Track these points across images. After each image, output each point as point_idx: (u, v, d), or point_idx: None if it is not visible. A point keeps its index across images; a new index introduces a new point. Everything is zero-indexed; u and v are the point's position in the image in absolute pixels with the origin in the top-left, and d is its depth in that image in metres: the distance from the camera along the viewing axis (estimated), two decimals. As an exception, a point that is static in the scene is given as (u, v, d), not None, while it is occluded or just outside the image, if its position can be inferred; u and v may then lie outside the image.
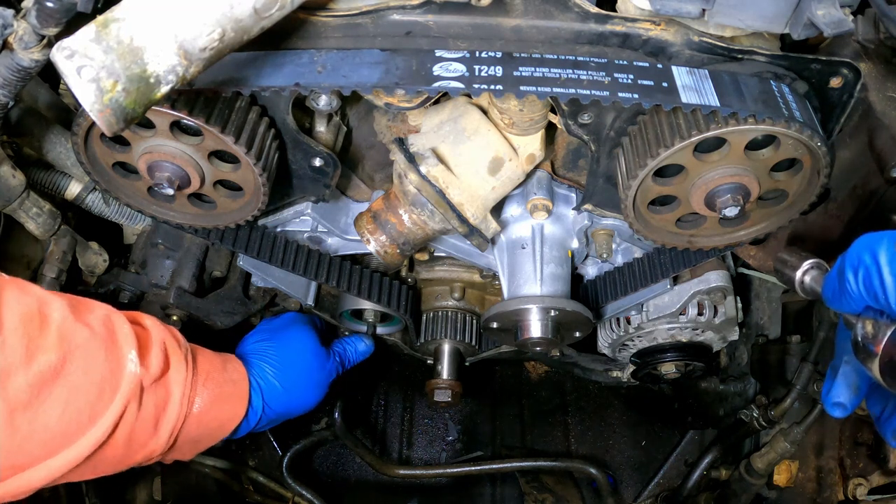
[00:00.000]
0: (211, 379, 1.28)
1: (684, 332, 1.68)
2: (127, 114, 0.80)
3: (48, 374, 1.02)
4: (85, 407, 1.07)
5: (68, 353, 1.05)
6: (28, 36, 0.96)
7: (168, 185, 1.12)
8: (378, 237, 1.30)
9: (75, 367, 1.06)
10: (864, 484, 1.74)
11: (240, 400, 1.34)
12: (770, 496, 1.92)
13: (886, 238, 0.86)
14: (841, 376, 1.05)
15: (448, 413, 2.54)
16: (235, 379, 1.34)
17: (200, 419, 1.25)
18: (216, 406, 1.28)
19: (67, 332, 1.06)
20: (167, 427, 1.19)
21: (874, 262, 0.85)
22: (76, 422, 1.06)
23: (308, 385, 1.50)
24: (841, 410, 1.05)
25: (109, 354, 1.10)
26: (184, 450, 1.29)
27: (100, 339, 1.10)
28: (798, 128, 1.00)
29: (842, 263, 0.91)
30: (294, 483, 2.10)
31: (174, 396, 1.19)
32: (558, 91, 1.00)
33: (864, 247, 0.88)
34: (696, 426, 2.28)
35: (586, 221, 1.41)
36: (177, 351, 1.22)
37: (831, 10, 0.93)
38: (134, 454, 1.17)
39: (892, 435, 1.03)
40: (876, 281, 0.85)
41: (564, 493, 2.27)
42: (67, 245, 1.43)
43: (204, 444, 1.33)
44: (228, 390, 1.31)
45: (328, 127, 1.26)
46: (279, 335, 1.54)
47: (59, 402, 1.04)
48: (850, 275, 0.88)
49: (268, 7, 0.88)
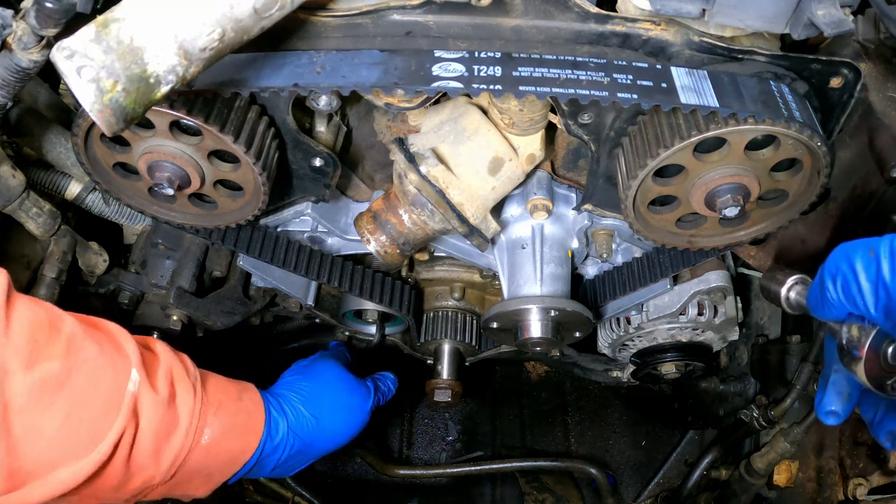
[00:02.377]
0: (223, 408, 1.23)
1: (684, 332, 1.68)
2: (127, 114, 0.80)
3: (51, 382, 1.01)
4: (87, 422, 1.04)
5: (75, 366, 1.04)
6: (27, 36, 0.96)
7: (168, 185, 1.12)
8: (378, 237, 1.30)
9: (80, 382, 1.04)
10: (864, 484, 1.74)
11: (253, 432, 1.29)
12: (770, 496, 1.92)
13: (861, 246, 0.88)
14: (832, 385, 1.07)
15: (448, 413, 2.54)
16: (250, 409, 1.29)
17: (209, 450, 1.20)
18: (228, 437, 1.23)
19: (76, 346, 1.05)
20: (169, 455, 1.14)
21: (851, 270, 0.88)
22: (76, 436, 1.04)
23: (339, 410, 1.45)
24: (835, 418, 1.08)
25: (115, 373, 1.08)
26: (195, 483, 1.25)
27: (108, 357, 1.08)
28: (798, 128, 1.00)
29: (821, 273, 0.94)
30: (294, 483, 2.10)
31: (181, 426, 1.15)
32: (557, 91, 1.00)
33: (841, 256, 0.91)
34: (696, 426, 2.28)
35: (586, 221, 1.41)
36: (184, 378, 1.19)
37: (831, 10, 0.93)
38: (132, 479, 1.13)
39: (885, 438, 1.05)
40: (854, 288, 0.88)
41: (564, 493, 2.27)
42: (67, 245, 1.43)
43: (216, 478, 1.28)
44: (242, 420, 1.26)
45: (328, 127, 1.26)
46: (308, 368, 1.51)
47: (60, 414, 1.02)
48: (830, 284, 0.91)
49: (268, 7, 0.88)
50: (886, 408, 1.05)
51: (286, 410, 1.36)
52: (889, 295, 0.84)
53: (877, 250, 0.86)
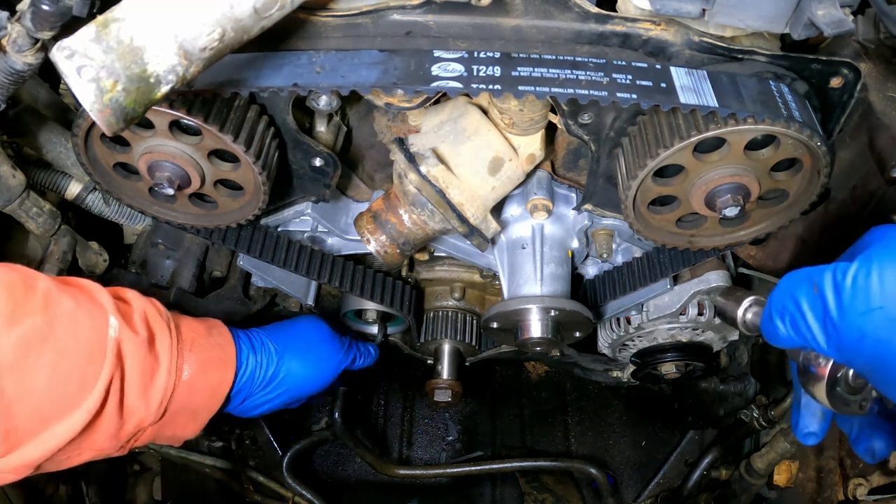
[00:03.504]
0: (197, 345, 1.26)
1: (684, 332, 1.68)
2: (127, 114, 0.80)
3: (34, 336, 1.02)
4: (74, 372, 1.06)
5: (55, 318, 1.05)
6: (22, 39, 0.96)
7: (168, 185, 1.12)
8: (378, 237, 1.30)
9: (62, 333, 1.05)
10: (864, 484, 1.74)
11: (228, 364, 1.33)
12: (770, 496, 1.92)
13: (805, 282, 0.86)
14: (804, 408, 1.06)
15: (448, 413, 2.54)
16: (221, 343, 1.33)
17: (191, 386, 1.24)
18: (205, 372, 1.26)
19: (53, 300, 1.06)
20: (157, 395, 1.17)
21: (797, 308, 0.86)
22: (66, 388, 1.05)
23: (307, 354, 1.47)
24: (814, 438, 1.06)
25: (94, 322, 1.10)
26: (181, 422, 1.28)
27: (85, 308, 1.10)
28: (797, 127, 1.00)
29: (769, 308, 0.91)
30: (294, 483, 2.11)
31: (162, 364, 1.18)
32: (556, 91, 1.00)
33: (786, 293, 0.88)
34: (696, 426, 2.28)
35: (586, 221, 1.41)
36: (158, 319, 1.21)
37: (831, 10, 0.93)
38: (125, 424, 1.16)
39: (864, 453, 1.04)
40: (802, 326, 0.86)
41: (564, 493, 2.27)
42: (67, 245, 1.43)
43: (202, 414, 1.31)
44: (216, 355, 1.30)
45: (328, 127, 1.26)
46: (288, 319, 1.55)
47: (48, 367, 1.03)
48: (778, 321, 0.89)
49: (268, 7, 0.88)
50: (861, 425, 1.04)
51: (254, 346, 1.40)
52: (838, 332, 0.81)
53: (820, 286, 0.83)
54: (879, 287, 0.77)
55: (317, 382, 1.50)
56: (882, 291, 0.77)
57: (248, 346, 1.39)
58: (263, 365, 1.39)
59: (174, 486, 2.03)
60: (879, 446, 1.02)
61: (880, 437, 1.02)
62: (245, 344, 1.39)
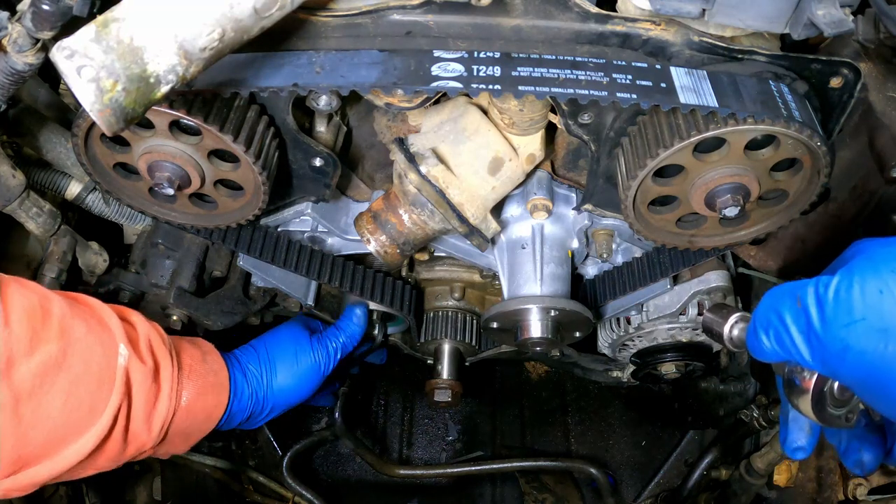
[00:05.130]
0: (194, 371, 1.30)
1: (684, 332, 1.67)
2: (127, 114, 0.80)
3: (50, 364, 1.04)
4: (86, 398, 1.09)
5: (68, 345, 1.07)
6: (22, 39, 0.96)
7: (168, 185, 1.12)
8: (378, 237, 1.30)
9: (75, 360, 1.08)
10: (864, 484, 1.74)
11: (222, 389, 1.37)
12: (770, 496, 1.91)
13: (788, 296, 0.86)
14: (792, 422, 1.06)
15: (448, 413, 2.54)
16: (216, 370, 1.37)
17: (189, 411, 1.28)
18: (202, 397, 1.30)
19: (67, 326, 1.09)
20: (158, 421, 1.21)
21: (781, 322, 0.86)
22: (77, 413, 1.08)
23: (291, 371, 1.51)
24: (802, 453, 1.06)
25: (105, 349, 1.13)
26: (175, 442, 1.32)
27: (95, 333, 1.13)
28: (797, 127, 1.00)
29: (754, 323, 0.91)
30: (294, 483, 2.10)
31: (164, 392, 1.22)
32: (556, 91, 1.00)
33: (769, 307, 0.88)
34: (696, 426, 2.28)
35: (586, 221, 1.41)
36: (161, 347, 1.25)
37: (831, 9, 0.93)
38: (128, 447, 1.20)
39: (853, 465, 1.03)
40: (787, 340, 0.86)
41: (564, 493, 2.27)
42: (67, 245, 1.43)
43: (195, 436, 1.36)
44: (211, 381, 1.34)
45: (328, 127, 1.26)
46: (268, 333, 1.58)
47: (62, 393, 1.06)
48: (763, 336, 0.89)
49: (268, 7, 0.88)
50: (849, 438, 1.04)
51: (244, 370, 1.45)
52: (822, 344, 0.81)
53: (803, 300, 0.83)
54: (861, 299, 0.77)
55: (302, 392, 1.54)
56: (864, 303, 0.77)
57: (239, 369, 1.44)
58: (252, 384, 1.44)
59: (174, 486, 2.03)
60: (868, 458, 1.02)
61: (868, 449, 1.02)
62: (236, 368, 1.43)
